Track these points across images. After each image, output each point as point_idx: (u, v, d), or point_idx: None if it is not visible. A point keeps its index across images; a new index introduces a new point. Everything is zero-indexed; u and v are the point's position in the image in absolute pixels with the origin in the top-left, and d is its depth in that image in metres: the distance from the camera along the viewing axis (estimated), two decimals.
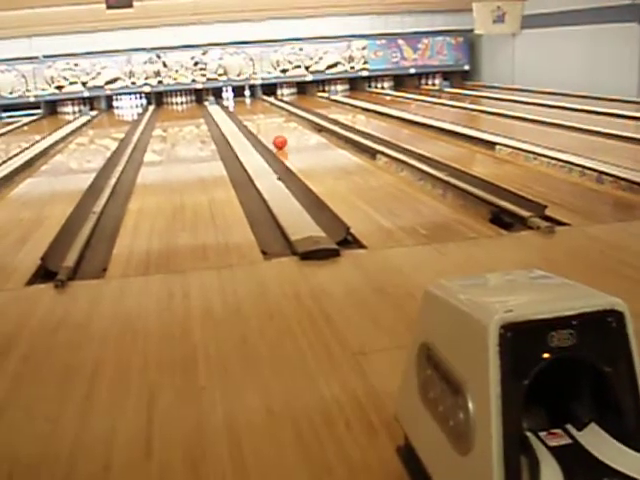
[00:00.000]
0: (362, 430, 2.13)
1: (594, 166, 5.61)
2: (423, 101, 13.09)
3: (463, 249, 3.97)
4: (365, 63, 15.75)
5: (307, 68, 15.59)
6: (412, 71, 16.00)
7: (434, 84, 16.09)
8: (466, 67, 16.03)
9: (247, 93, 15.77)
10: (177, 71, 15.21)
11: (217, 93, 15.61)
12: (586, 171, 5.60)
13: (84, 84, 14.85)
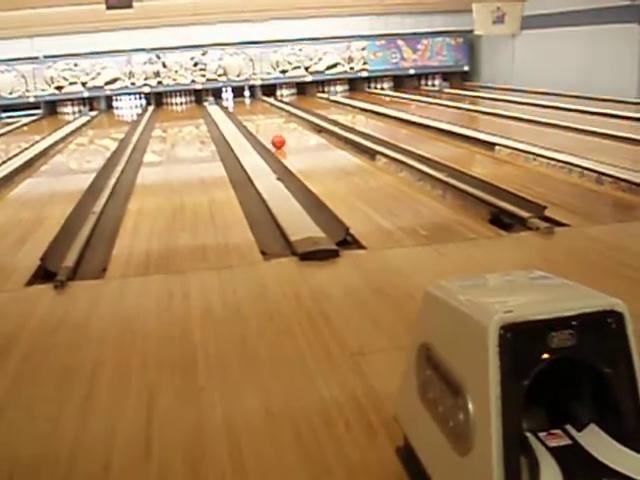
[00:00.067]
0: (361, 431, 2.13)
1: (594, 167, 5.61)
2: (423, 102, 13.08)
3: (463, 250, 3.97)
4: (365, 64, 15.74)
5: (307, 69, 15.59)
6: (412, 72, 16.00)
7: (434, 85, 16.08)
8: (466, 68, 16.03)
9: (247, 94, 15.77)
10: (177, 72, 15.20)
11: (217, 94, 15.60)
12: (585, 172, 5.60)
13: (84, 84, 14.84)
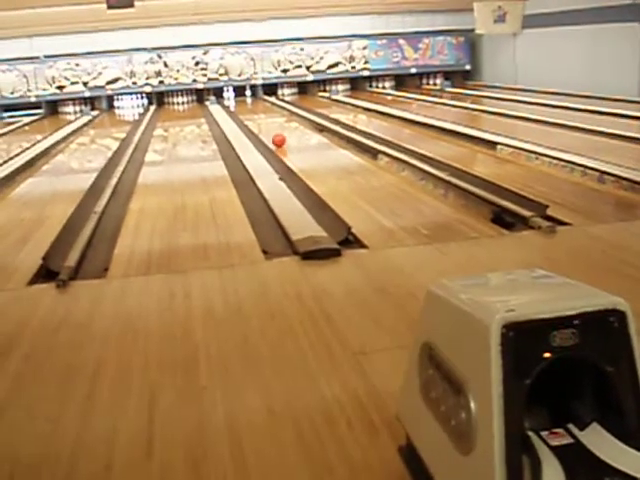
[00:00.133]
0: (363, 430, 2.13)
1: (596, 166, 5.60)
2: (424, 101, 13.08)
3: (465, 249, 3.97)
4: (366, 63, 15.74)
5: (308, 68, 15.59)
6: (413, 71, 16.00)
7: (435, 84, 16.08)
8: (467, 67, 16.03)
9: (248, 93, 15.77)
10: (178, 71, 15.21)
11: (218, 93, 15.60)
12: (588, 171, 5.59)
13: (85, 84, 14.85)
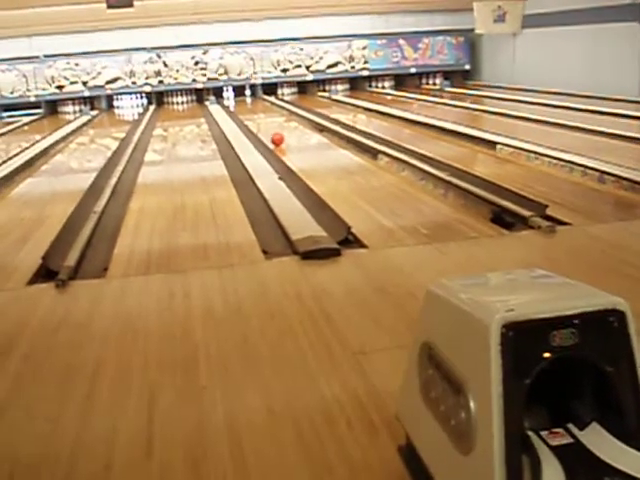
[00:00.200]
0: (363, 430, 2.13)
1: (596, 166, 5.60)
2: (424, 101, 13.08)
3: (464, 248, 3.97)
4: (366, 63, 15.74)
5: (307, 68, 15.58)
6: (413, 71, 16.00)
7: (435, 84, 16.08)
8: (467, 67, 16.03)
9: (248, 93, 15.77)
10: (178, 71, 15.21)
11: (218, 93, 15.60)
12: (588, 171, 5.59)
13: (85, 84, 14.85)
